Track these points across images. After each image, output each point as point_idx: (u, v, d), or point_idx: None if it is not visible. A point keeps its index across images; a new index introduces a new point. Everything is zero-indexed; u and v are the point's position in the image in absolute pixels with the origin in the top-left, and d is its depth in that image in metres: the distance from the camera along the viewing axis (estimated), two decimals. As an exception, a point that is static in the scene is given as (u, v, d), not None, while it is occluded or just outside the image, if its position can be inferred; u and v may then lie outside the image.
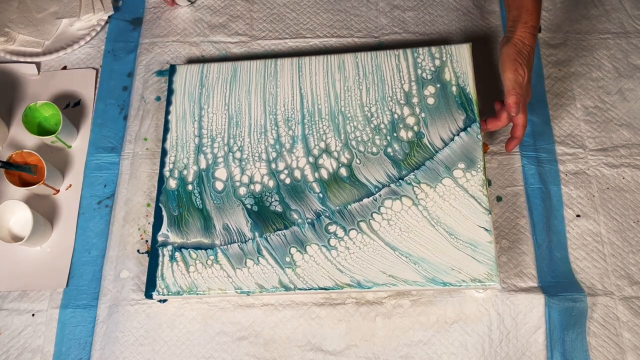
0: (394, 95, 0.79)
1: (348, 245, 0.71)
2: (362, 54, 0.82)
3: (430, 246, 0.70)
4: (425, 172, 0.74)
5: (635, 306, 0.74)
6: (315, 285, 0.70)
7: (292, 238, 0.72)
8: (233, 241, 0.73)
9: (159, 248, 0.73)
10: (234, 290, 0.70)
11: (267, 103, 0.80)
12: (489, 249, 0.69)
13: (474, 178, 0.73)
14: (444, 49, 0.81)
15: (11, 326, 0.74)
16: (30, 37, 0.91)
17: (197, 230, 0.74)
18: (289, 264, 0.71)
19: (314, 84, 0.81)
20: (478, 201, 0.72)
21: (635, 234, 0.78)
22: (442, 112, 0.77)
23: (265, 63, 0.83)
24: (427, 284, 0.69)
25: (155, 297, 0.71)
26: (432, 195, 0.73)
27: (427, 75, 0.80)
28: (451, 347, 0.72)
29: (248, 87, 0.82)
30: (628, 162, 0.82)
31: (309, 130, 0.78)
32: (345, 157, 0.76)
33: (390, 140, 0.76)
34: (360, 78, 0.81)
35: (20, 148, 0.83)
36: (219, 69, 0.83)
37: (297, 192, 0.75)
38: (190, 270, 0.72)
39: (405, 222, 0.72)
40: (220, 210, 0.75)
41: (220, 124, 0.80)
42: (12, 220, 0.78)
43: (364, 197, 0.74)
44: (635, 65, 0.88)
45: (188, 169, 0.77)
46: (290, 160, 0.77)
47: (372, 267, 0.70)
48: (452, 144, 0.75)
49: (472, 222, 0.71)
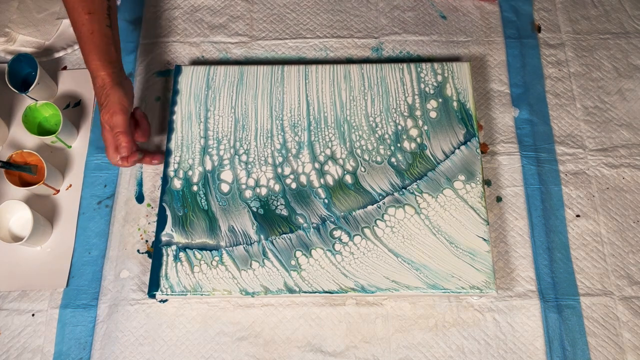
0: (398, 107, 0.81)
1: (352, 251, 0.73)
2: (367, 66, 0.84)
3: (431, 253, 0.72)
4: (427, 182, 0.76)
5: (635, 306, 0.74)
6: (320, 289, 0.71)
7: (297, 242, 0.73)
8: (238, 243, 0.74)
9: (163, 248, 0.73)
10: (239, 292, 0.71)
11: (274, 108, 0.81)
12: (487, 258, 0.72)
13: (473, 190, 0.75)
14: (445, 66, 0.83)
15: (11, 326, 0.74)
16: (31, 38, 0.91)
17: (202, 231, 0.74)
18: (294, 267, 0.72)
19: (320, 92, 0.82)
20: (477, 212, 0.74)
21: (635, 234, 0.78)
22: (444, 126, 0.79)
23: (272, 69, 0.84)
24: (429, 290, 0.70)
25: (159, 296, 0.72)
26: (433, 204, 0.75)
27: (429, 90, 0.82)
28: (449, 350, 0.72)
29: (255, 91, 0.83)
30: (628, 162, 0.82)
31: (315, 137, 0.79)
32: (351, 164, 0.77)
33: (394, 150, 0.78)
34: (365, 89, 0.82)
35: (20, 148, 0.83)
36: (225, 72, 0.84)
37: (302, 197, 0.76)
38: (194, 271, 0.72)
39: (408, 230, 0.73)
40: (225, 212, 0.75)
41: (226, 126, 0.80)
42: (12, 220, 0.78)
43: (368, 204, 0.75)
44: (635, 65, 0.88)
45: (193, 170, 0.78)
46: (296, 166, 0.78)
47: (375, 272, 0.71)
48: (452, 156, 0.77)
49: (471, 232, 0.73)
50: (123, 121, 0.71)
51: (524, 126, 0.84)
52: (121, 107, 0.71)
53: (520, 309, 0.74)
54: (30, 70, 0.85)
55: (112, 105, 0.71)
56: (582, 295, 0.75)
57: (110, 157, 0.73)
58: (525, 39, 0.91)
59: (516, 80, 0.88)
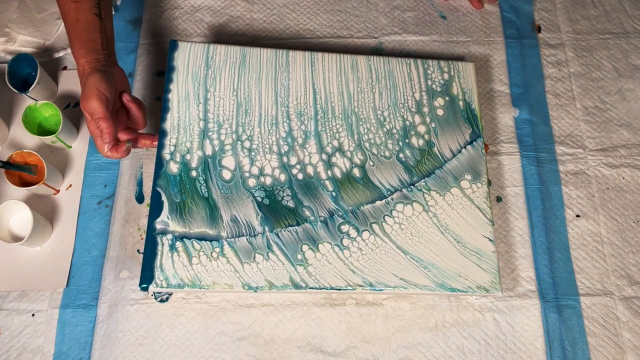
0: (406, 103, 0.80)
1: (361, 246, 0.71)
2: (375, 58, 0.82)
3: (439, 252, 0.71)
4: (435, 180, 0.75)
5: (635, 306, 0.74)
6: (327, 285, 0.68)
7: (304, 235, 0.71)
8: (241, 234, 0.70)
9: (158, 236, 0.69)
10: (242, 286, 0.67)
11: (279, 94, 0.78)
12: (493, 258, 0.71)
13: (479, 190, 0.75)
14: (451, 64, 0.83)
15: (11, 326, 0.74)
16: (31, 37, 0.91)
17: (201, 220, 0.70)
18: (300, 262, 0.69)
19: (327, 80, 0.80)
20: (483, 212, 0.74)
21: (635, 234, 0.78)
22: (451, 124, 0.79)
23: (277, 53, 0.81)
24: (437, 288, 0.69)
25: (152, 289, 0.67)
26: (441, 203, 0.74)
27: (436, 87, 0.81)
28: (449, 350, 0.72)
29: (258, 75, 0.79)
30: (628, 162, 0.82)
31: (322, 127, 0.77)
32: (359, 157, 0.76)
33: (403, 146, 0.77)
34: (373, 81, 0.81)
35: (20, 148, 0.83)
36: (226, 52, 0.80)
37: (310, 189, 0.74)
38: (193, 262, 0.68)
39: (416, 227, 0.72)
40: (228, 200, 0.72)
41: (228, 109, 0.77)
42: (12, 220, 0.78)
43: (376, 199, 0.74)
44: (635, 65, 0.88)
45: (192, 154, 0.74)
46: (302, 156, 0.75)
47: (384, 269, 0.70)
48: (459, 155, 0.77)
49: (477, 231, 0.73)
50: (100, 107, 0.67)
51: (524, 126, 0.84)
52: (97, 92, 0.67)
53: (520, 309, 0.74)
54: (30, 70, 0.85)
55: (87, 90, 0.68)
56: (582, 295, 0.75)
57: (99, 148, 0.70)
58: (525, 39, 0.91)
59: (516, 80, 0.88)
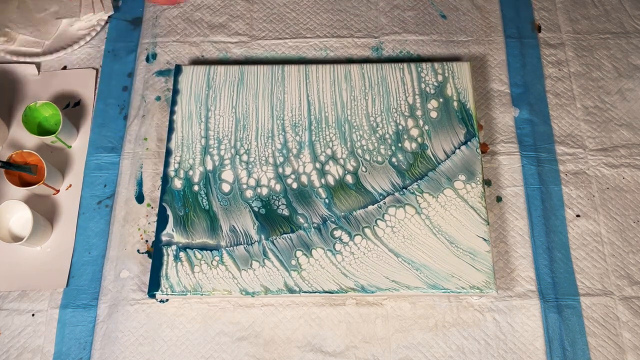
0: (399, 107, 0.81)
1: (353, 251, 0.73)
2: (368, 65, 0.84)
3: (431, 253, 0.72)
4: (428, 182, 0.76)
5: (635, 306, 0.74)
6: (320, 289, 0.71)
7: (298, 241, 0.74)
8: (239, 243, 0.74)
9: (163, 247, 0.74)
10: (239, 292, 0.71)
11: (275, 108, 0.82)
12: (487, 258, 0.72)
13: (474, 190, 0.76)
14: (445, 66, 0.83)
15: (11, 326, 0.74)
16: (31, 37, 0.91)
17: (202, 231, 0.75)
18: (294, 267, 0.72)
19: (321, 92, 0.82)
20: (477, 212, 0.74)
21: (635, 234, 0.78)
22: (445, 126, 0.79)
23: (272, 69, 0.84)
24: (429, 289, 0.71)
25: (159, 296, 0.72)
26: (434, 204, 0.75)
27: (430, 90, 0.82)
28: (449, 350, 0.72)
29: (255, 91, 0.83)
30: (628, 162, 0.82)
31: (316, 137, 0.80)
32: (352, 164, 0.78)
33: (395, 150, 0.78)
34: (366, 89, 0.82)
35: (20, 148, 0.83)
36: (225, 72, 0.84)
37: (304, 197, 0.76)
38: (195, 271, 0.72)
39: (409, 230, 0.74)
40: (227, 211, 0.76)
41: (227, 126, 0.81)
42: (12, 220, 0.78)
43: (369, 204, 0.75)
44: (635, 65, 0.88)
45: (194, 170, 0.78)
46: (297, 165, 0.78)
47: (376, 272, 0.72)
48: (453, 156, 0.78)
49: (471, 231, 0.73)
50: None
51: (524, 126, 0.84)
52: None
53: (520, 309, 0.74)
54: None
55: None
56: (582, 295, 0.75)
57: None
58: (526, 38, 0.91)
59: (516, 80, 0.88)
